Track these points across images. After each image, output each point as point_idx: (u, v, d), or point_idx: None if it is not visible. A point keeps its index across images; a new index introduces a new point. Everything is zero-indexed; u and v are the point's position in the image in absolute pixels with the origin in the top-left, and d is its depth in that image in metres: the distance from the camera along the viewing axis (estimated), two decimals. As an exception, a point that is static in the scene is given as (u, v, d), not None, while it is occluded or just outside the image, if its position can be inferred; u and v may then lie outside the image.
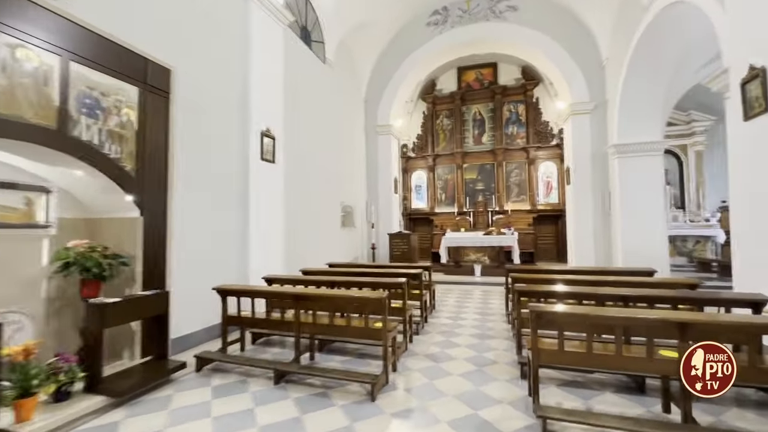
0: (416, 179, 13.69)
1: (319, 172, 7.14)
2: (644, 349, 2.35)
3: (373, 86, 9.77)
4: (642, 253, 7.00)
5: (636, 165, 7.19)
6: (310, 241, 6.64)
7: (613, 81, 7.54)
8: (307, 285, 4.28)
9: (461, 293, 7.09)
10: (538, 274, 4.75)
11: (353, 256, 8.81)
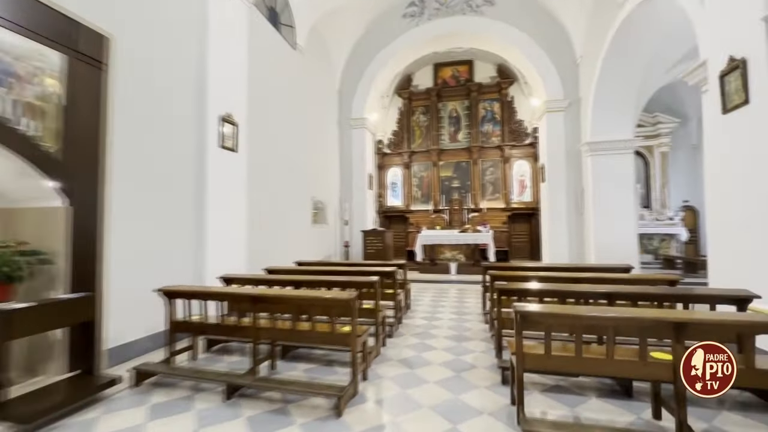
0: (391, 176, 13.42)
1: (288, 165, 6.69)
2: (633, 351, 2.16)
3: (348, 77, 9.39)
4: (614, 250, 7.06)
5: (609, 163, 7.24)
6: (277, 238, 6.19)
7: (587, 79, 7.57)
8: (271, 285, 3.88)
9: (437, 292, 6.87)
10: (516, 272, 4.57)
11: (325, 254, 8.40)
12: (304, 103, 7.46)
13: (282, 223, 6.37)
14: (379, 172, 13.36)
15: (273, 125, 6.27)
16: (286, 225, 6.51)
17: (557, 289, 2.92)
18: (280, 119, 6.52)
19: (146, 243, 3.66)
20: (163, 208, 3.90)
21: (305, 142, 7.46)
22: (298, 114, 7.17)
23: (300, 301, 2.77)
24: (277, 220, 6.21)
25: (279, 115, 6.48)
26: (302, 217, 7.21)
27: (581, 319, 2.11)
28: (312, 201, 7.69)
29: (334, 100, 9.26)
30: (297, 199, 7.00)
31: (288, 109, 6.78)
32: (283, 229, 6.40)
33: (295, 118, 7.03)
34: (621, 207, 7.15)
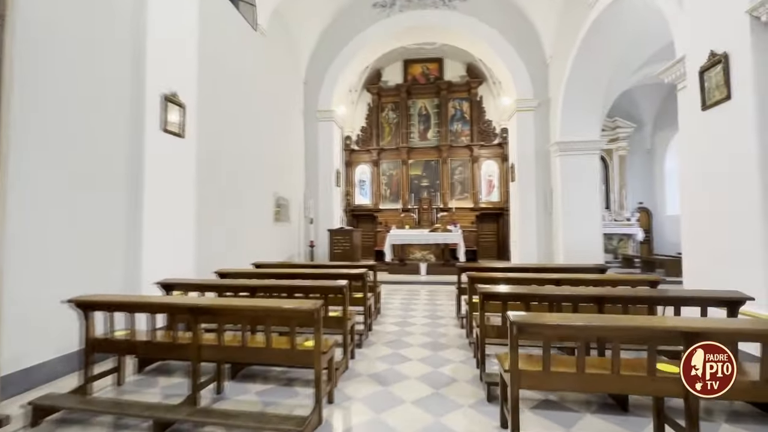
0: (360, 173, 12.99)
1: (247, 157, 6.06)
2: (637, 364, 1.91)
3: (314, 67, 8.84)
4: (581, 250, 7.11)
5: (577, 163, 7.29)
6: (234, 237, 5.56)
7: (557, 79, 7.59)
8: (222, 292, 3.33)
9: (407, 294, 6.54)
10: (493, 273, 4.33)
11: (288, 254, 7.81)
12: (266, 91, 6.85)
13: (239, 220, 5.74)
14: (347, 169, 12.88)
15: (230, 112, 5.63)
16: (244, 223, 5.88)
17: (546, 294, 2.66)
18: (239, 106, 5.89)
19: (59, 243, 2.98)
20: (84, 201, 3.22)
21: (267, 133, 6.85)
22: (259, 102, 6.55)
23: (253, 312, 2.28)
24: (233, 217, 5.58)
25: (237, 101, 5.85)
26: (263, 215, 6.60)
27: (589, 330, 1.82)
28: (274, 197, 7.09)
29: (299, 90, 8.68)
30: (257, 194, 6.38)
31: (248, 96, 6.15)
32: (240, 228, 5.78)
33: (255, 106, 6.41)
34: (588, 207, 7.22)
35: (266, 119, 6.85)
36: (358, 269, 4.12)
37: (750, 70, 2.87)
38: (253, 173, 6.24)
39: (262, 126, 6.65)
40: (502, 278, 3.54)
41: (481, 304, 2.74)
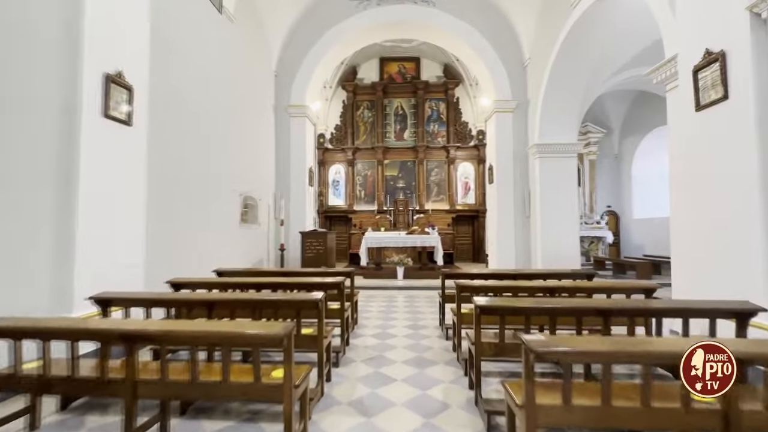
0: (334, 173, 12.52)
1: (211, 152, 5.47)
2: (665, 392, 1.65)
3: (287, 59, 8.30)
4: (559, 253, 7.06)
5: (555, 166, 7.24)
6: (194, 240, 4.97)
7: (536, 81, 7.54)
8: (173, 308, 2.81)
9: (385, 300, 6.18)
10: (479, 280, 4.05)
11: (256, 259, 7.22)
12: (233, 81, 6.26)
13: (201, 222, 5.15)
14: (320, 168, 12.37)
15: (191, 101, 5.04)
16: (206, 225, 5.29)
17: (548, 307, 2.38)
18: (202, 95, 5.30)
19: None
20: (-4, 197, 2.61)
21: (234, 127, 6.27)
22: (225, 92, 5.97)
23: (206, 340, 1.82)
24: (193, 219, 4.98)
25: (200, 89, 5.26)
26: (228, 216, 6.01)
27: (620, 356, 1.54)
28: (241, 197, 6.50)
29: (269, 83, 8.11)
30: (221, 193, 5.79)
31: (212, 84, 5.57)
32: (202, 230, 5.18)
33: (221, 97, 5.82)
34: (566, 210, 7.20)
35: (233, 112, 6.27)
36: (335, 277, 3.70)
37: (749, 69, 2.76)
38: (217, 170, 5.65)
39: (228, 119, 6.06)
40: (492, 287, 3.26)
41: (476, 319, 2.42)
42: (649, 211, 11.02)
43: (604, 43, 6.42)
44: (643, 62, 7.54)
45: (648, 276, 7.90)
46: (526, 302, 2.43)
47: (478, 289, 3.24)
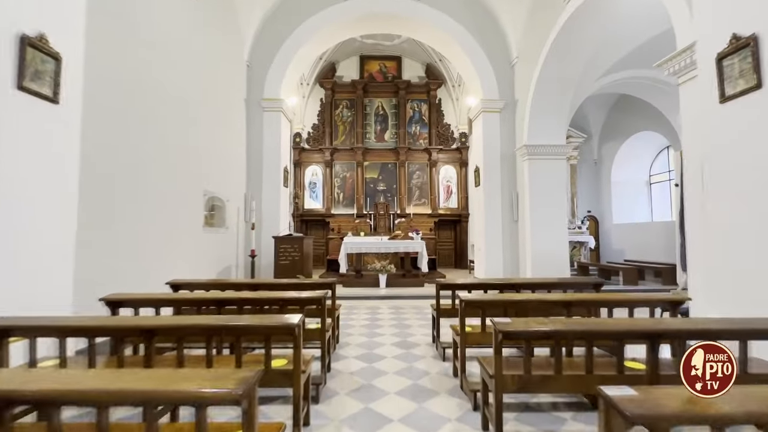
0: (311, 175, 11.85)
1: (170, 145, 4.74)
2: None
3: (261, 48, 7.63)
4: (549, 259, 6.77)
5: (545, 168, 6.97)
6: (144, 247, 4.21)
7: (524, 80, 7.28)
8: (101, 336, 2.13)
9: (368, 312, 5.61)
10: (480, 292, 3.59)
11: (223, 266, 6.46)
12: (198, 67, 5.55)
13: (155, 226, 4.40)
14: (296, 169, 11.67)
15: (148, 85, 4.32)
16: (162, 229, 4.53)
17: (583, 329, 1.91)
18: (162, 79, 4.58)
19: None
20: None
21: (200, 120, 5.54)
22: (190, 80, 5.25)
23: (118, 400, 1.21)
24: (145, 222, 4.23)
25: (160, 73, 4.54)
26: (189, 218, 5.25)
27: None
28: (206, 197, 5.75)
29: (241, 74, 7.40)
30: (183, 193, 5.05)
31: (175, 70, 4.85)
32: (156, 236, 4.43)
33: (185, 85, 5.11)
34: (556, 214, 6.93)
35: (200, 103, 5.55)
36: (315, 291, 3.12)
37: (789, 54, 2.45)
38: (176, 166, 4.91)
39: (193, 110, 5.34)
40: (503, 302, 2.78)
41: (497, 347, 1.91)
42: (628, 217, 11.07)
43: (595, 43, 6.23)
44: (630, 65, 7.48)
45: (634, 282, 7.78)
46: (558, 324, 1.94)
47: (486, 304, 2.75)
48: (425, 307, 5.97)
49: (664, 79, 7.57)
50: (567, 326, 1.89)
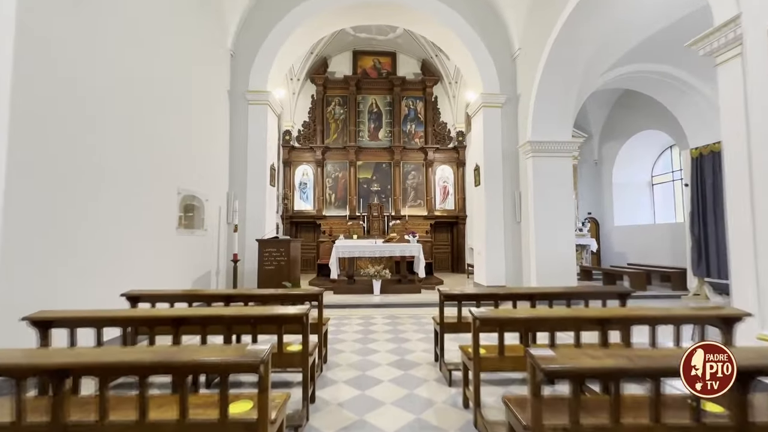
0: (301, 175, 11.30)
1: (138, 135, 4.18)
2: None
3: (246, 37, 7.09)
4: (555, 263, 6.32)
5: (551, 166, 6.54)
6: (101, 252, 3.64)
7: (527, 74, 6.85)
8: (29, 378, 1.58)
9: (361, 323, 5.08)
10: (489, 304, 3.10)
11: (203, 272, 5.87)
12: (176, 54, 5.00)
13: (115, 226, 3.82)
14: (285, 169, 11.11)
15: (112, 65, 3.75)
16: (124, 229, 3.96)
17: (657, 367, 1.42)
18: (130, 61, 4.02)
19: None
20: None
21: (175, 111, 4.98)
22: (164, 65, 4.69)
23: None
24: (102, 223, 3.65)
25: (128, 53, 3.97)
26: (158, 220, 4.67)
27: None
28: (180, 195, 5.18)
29: (224, 63, 6.85)
30: (150, 191, 4.47)
31: (145, 51, 4.29)
32: (115, 237, 3.85)
33: (157, 70, 4.55)
34: (562, 215, 6.48)
35: (175, 92, 4.99)
36: (297, 305, 2.59)
37: None
38: (145, 160, 4.34)
39: (167, 100, 4.79)
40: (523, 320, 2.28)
41: (535, 388, 1.40)
42: (630, 219, 10.72)
43: (603, 34, 5.83)
44: (636, 58, 7.10)
45: (642, 286, 7.36)
46: (620, 359, 1.44)
47: (506, 322, 2.25)
48: (423, 316, 5.46)
49: (673, 73, 7.22)
50: (633, 362, 1.39)
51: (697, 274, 6.88)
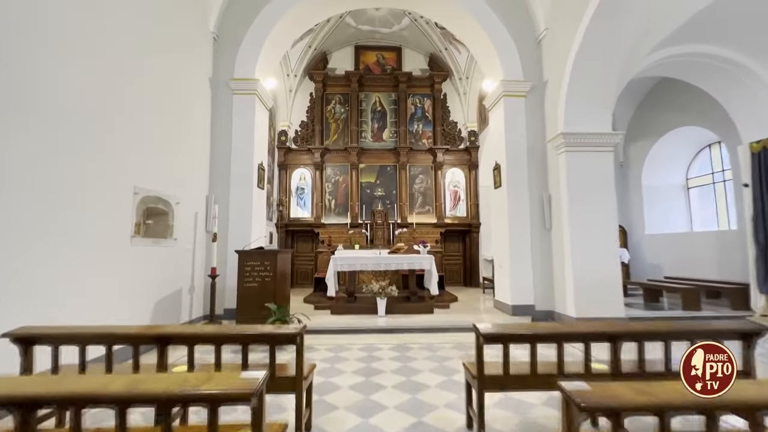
0: (298, 179, 10.33)
1: (82, 122, 3.22)
2: None
3: (232, 17, 6.20)
4: (597, 282, 5.24)
5: (587, 162, 5.51)
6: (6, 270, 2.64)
7: (555, 57, 5.89)
8: None
9: (362, 359, 4.00)
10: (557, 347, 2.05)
11: (169, 291, 4.84)
12: (133, 23, 4.07)
13: (28, 236, 2.82)
14: (281, 172, 10.16)
15: (60, 32, 2.81)
16: (38, 242, 2.96)
17: None
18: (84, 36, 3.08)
19: None
20: None
21: (131, 92, 4.03)
22: (115, 33, 3.76)
23: None
24: (11, 228, 2.66)
25: (81, 25, 3.04)
26: (105, 226, 3.67)
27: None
28: (137, 197, 4.18)
29: (205, 46, 5.94)
30: (91, 188, 3.48)
31: (103, 25, 3.36)
32: (23, 253, 2.85)
33: (105, 38, 3.61)
34: (603, 223, 5.42)
35: (134, 68, 4.05)
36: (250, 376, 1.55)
37: None
38: (84, 150, 3.37)
39: (123, 77, 3.85)
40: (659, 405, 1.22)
41: None
42: (662, 226, 9.59)
43: (649, 7, 4.86)
44: (680, 39, 6.10)
45: (696, 306, 6.23)
46: None
47: (627, 409, 1.19)
48: (440, 346, 4.39)
49: (725, 55, 6.20)
50: None
51: (765, 291, 5.75)
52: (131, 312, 3.98)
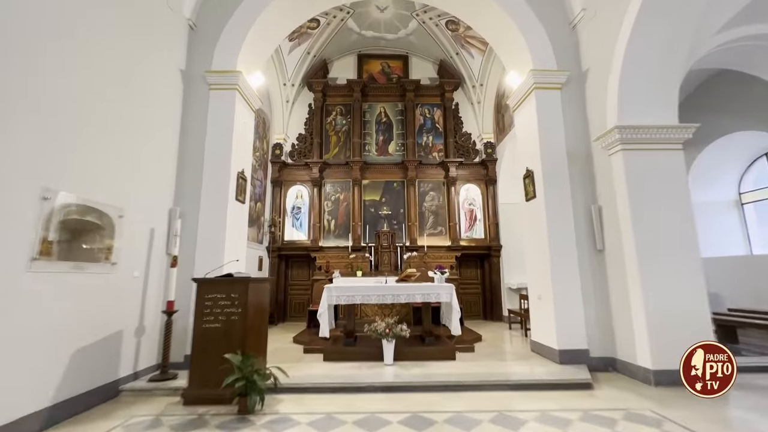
0: (294, 197, 9.20)
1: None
2: None
3: (211, 4, 5.31)
4: (680, 319, 3.88)
5: (652, 162, 4.31)
6: None
7: (598, 41, 4.84)
8: None
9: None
10: None
11: (105, 333, 3.58)
12: None
13: None
14: (275, 190, 9.06)
15: None
16: None
17: None
18: None
19: None
20: None
21: (57, 69, 3.00)
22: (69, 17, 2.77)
23: None
24: None
25: None
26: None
27: None
28: (46, 202, 3.03)
29: (176, 31, 5.00)
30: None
31: None
32: None
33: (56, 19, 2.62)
34: (680, 239, 4.13)
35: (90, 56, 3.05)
36: None
37: None
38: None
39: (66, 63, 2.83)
40: None
41: None
42: (715, 249, 8.18)
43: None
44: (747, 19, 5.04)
45: (762, 351, 4.77)
46: None
47: None
48: (473, 418, 3.02)
49: (808, 38, 5.09)
50: None
51: None
52: (23, 377, 2.71)
